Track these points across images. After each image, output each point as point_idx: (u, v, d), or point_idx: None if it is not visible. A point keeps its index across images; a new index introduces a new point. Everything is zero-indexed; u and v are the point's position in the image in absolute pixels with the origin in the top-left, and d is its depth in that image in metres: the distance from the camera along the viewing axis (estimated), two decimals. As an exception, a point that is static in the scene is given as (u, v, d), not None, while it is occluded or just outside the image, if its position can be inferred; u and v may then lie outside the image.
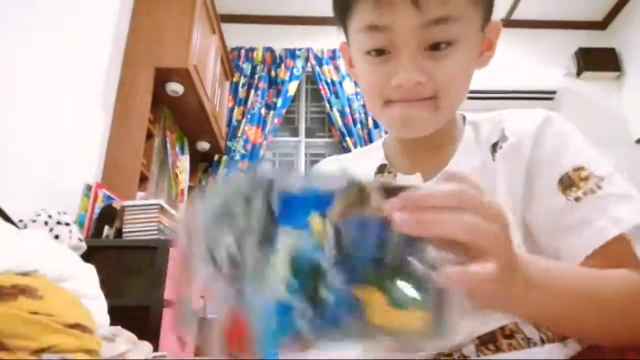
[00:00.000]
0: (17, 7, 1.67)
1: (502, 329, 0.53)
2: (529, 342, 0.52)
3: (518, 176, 0.59)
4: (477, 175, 0.60)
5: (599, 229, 0.52)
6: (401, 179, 0.67)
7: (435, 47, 0.55)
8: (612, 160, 0.58)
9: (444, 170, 0.61)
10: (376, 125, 3.53)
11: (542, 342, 0.52)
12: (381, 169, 0.71)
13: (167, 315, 1.67)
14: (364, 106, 3.62)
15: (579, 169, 0.56)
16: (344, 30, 0.64)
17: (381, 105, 0.60)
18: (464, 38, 0.55)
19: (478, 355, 0.53)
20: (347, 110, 3.60)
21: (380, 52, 0.57)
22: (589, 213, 0.53)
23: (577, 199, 0.54)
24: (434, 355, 0.54)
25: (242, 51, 3.75)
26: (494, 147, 0.63)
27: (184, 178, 3.10)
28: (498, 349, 0.52)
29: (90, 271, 1.32)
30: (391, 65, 0.56)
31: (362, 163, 0.73)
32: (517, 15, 3.74)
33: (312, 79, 3.82)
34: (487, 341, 0.53)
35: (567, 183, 0.56)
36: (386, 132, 0.76)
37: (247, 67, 3.71)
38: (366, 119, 3.60)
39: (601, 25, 4.02)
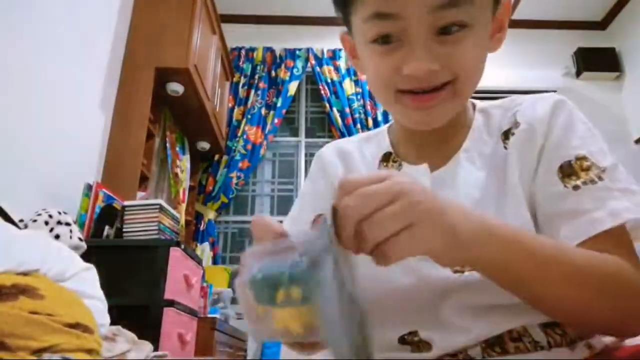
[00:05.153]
0: (17, 8, 1.67)
1: (509, 332, 0.52)
2: (536, 346, 0.51)
3: (530, 162, 0.58)
4: (487, 162, 0.60)
5: (594, 219, 0.52)
6: (407, 170, 0.65)
7: (447, 31, 0.52)
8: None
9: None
10: (377, 125, 3.52)
11: (550, 345, 0.52)
12: (386, 158, 0.68)
13: (167, 314, 1.67)
14: (364, 106, 3.62)
15: (581, 158, 0.55)
16: (345, 21, 0.60)
17: (392, 96, 0.57)
18: (477, 21, 0.53)
19: (484, 357, 0.52)
20: (347, 110, 3.60)
21: (387, 39, 0.54)
22: (586, 203, 0.53)
23: (575, 187, 0.54)
24: (438, 355, 0.54)
25: (242, 51, 3.75)
26: (506, 134, 0.62)
27: (185, 177, 3.10)
28: (504, 351, 0.52)
29: (90, 271, 1.32)
30: (401, 54, 0.53)
31: (366, 150, 0.71)
32: (517, 16, 3.74)
33: (312, 79, 3.82)
34: (494, 343, 0.52)
35: (567, 171, 0.55)
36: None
37: (247, 67, 3.71)
38: (366, 119, 3.59)
39: (601, 25, 4.03)
